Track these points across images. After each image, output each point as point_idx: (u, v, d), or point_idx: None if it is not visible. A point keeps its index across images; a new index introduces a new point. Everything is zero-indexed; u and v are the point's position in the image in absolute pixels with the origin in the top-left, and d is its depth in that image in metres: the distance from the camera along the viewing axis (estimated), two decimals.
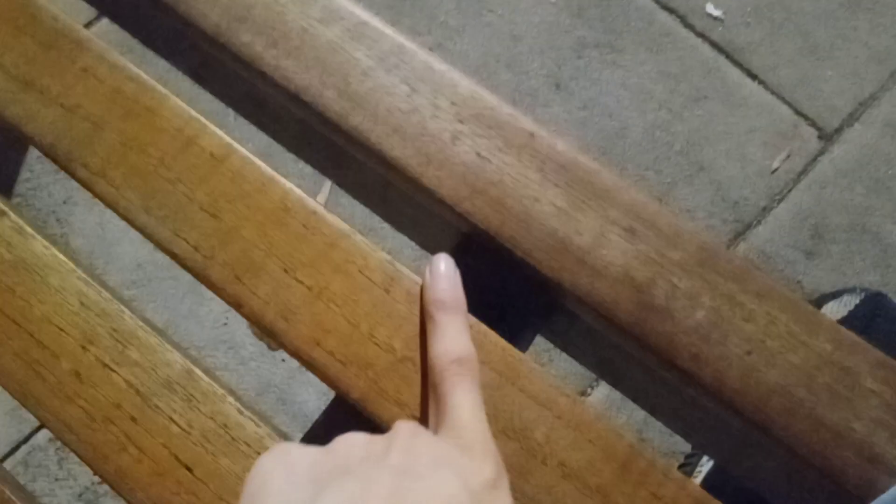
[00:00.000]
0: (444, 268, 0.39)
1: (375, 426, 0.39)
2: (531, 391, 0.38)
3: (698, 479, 0.86)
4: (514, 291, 0.42)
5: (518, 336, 0.42)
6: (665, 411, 0.46)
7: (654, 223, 0.40)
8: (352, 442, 0.32)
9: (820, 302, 0.96)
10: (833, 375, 0.38)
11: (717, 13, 1.14)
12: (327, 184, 1.03)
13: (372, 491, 0.28)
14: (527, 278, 0.41)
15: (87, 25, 1.06)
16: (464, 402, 0.35)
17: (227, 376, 0.99)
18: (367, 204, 0.50)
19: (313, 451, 0.31)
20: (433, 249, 0.43)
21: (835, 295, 0.97)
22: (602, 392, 0.94)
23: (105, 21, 1.03)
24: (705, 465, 0.86)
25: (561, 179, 0.41)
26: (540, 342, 0.48)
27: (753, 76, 1.11)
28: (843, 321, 0.94)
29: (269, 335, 0.41)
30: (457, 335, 0.37)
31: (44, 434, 0.98)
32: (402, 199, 0.45)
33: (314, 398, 0.96)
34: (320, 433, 0.41)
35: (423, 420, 0.38)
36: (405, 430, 0.33)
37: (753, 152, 1.07)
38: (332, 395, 0.40)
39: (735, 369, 0.38)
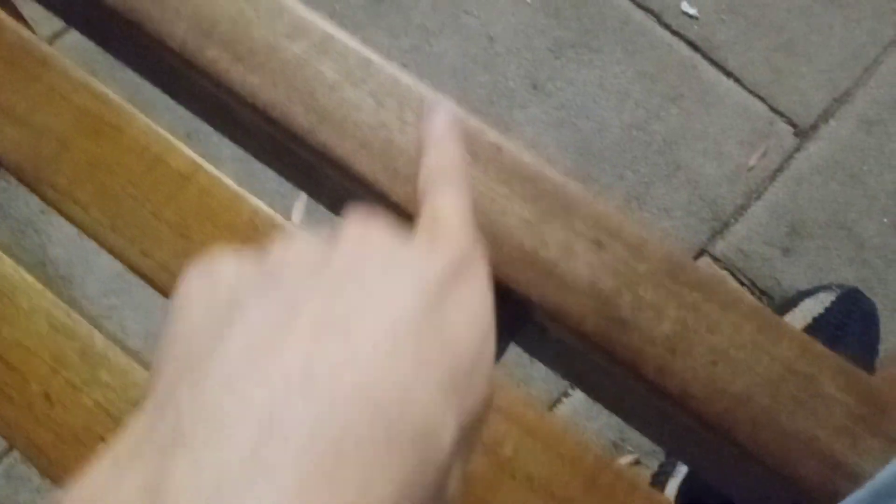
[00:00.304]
0: (441, 112, 0.39)
1: None
2: (500, 405, 0.39)
3: (674, 484, 0.86)
4: None
5: None
6: (638, 419, 0.47)
7: (620, 234, 0.41)
8: (291, 248, 0.27)
9: (796, 299, 0.97)
10: (797, 384, 0.38)
11: (692, 11, 1.15)
12: (303, 197, 1.03)
13: (294, 312, 0.23)
14: (496, 291, 0.42)
15: (56, 36, 1.06)
16: (445, 199, 0.31)
17: None
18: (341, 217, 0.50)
19: (242, 262, 0.27)
20: None
21: (810, 292, 0.98)
22: (579, 396, 0.95)
23: (74, 32, 1.02)
24: (680, 470, 0.87)
25: (528, 192, 0.42)
26: (513, 350, 0.49)
27: (729, 74, 1.12)
28: (820, 318, 0.94)
29: None
30: (449, 149, 0.36)
31: None
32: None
33: None
34: None
35: None
36: (354, 225, 0.28)
37: (730, 150, 1.08)
38: None
39: (701, 380, 0.38)
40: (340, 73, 0.44)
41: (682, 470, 0.88)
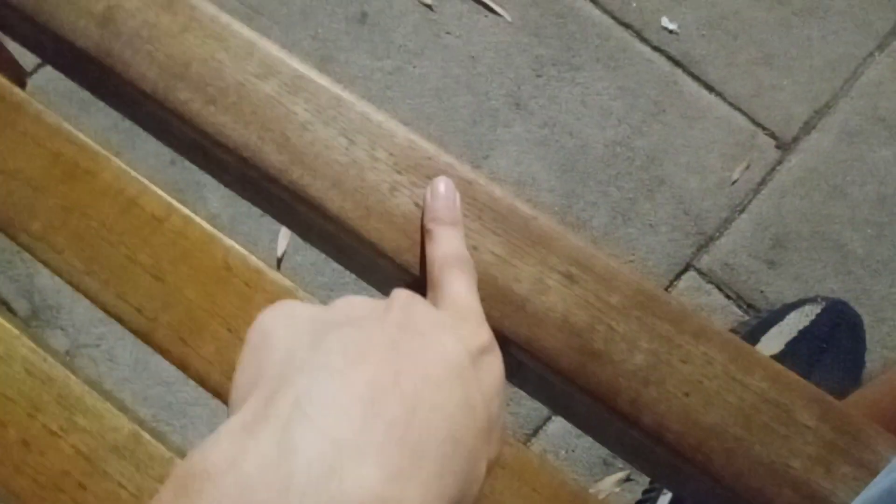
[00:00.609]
0: (443, 188, 0.41)
1: None
2: None
3: (664, 501, 0.86)
4: None
5: None
6: (618, 446, 0.47)
7: (592, 267, 0.41)
8: (352, 302, 0.32)
9: (782, 313, 0.97)
10: (769, 413, 0.39)
11: (672, 26, 1.15)
12: (286, 231, 1.03)
13: (373, 340, 0.28)
14: None
15: (32, 72, 1.06)
16: (460, 286, 0.36)
17: (174, 434, 0.99)
18: (323, 251, 0.50)
19: (313, 307, 0.31)
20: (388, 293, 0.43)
21: (796, 305, 0.98)
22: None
23: (49, 68, 1.02)
24: (664, 497, 0.87)
25: (499, 227, 0.42)
26: None
27: (710, 88, 1.13)
28: (805, 331, 0.95)
29: (216, 396, 0.41)
30: (454, 241, 0.39)
31: None
32: (353, 248, 0.45)
33: None
34: None
35: None
36: (404, 295, 0.33)
37: (713, 164, 1.08)
38: None
39: (674, 411, 0.39)
40: (311, 112, 0.44)
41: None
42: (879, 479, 0.34)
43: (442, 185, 0.42)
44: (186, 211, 0.43)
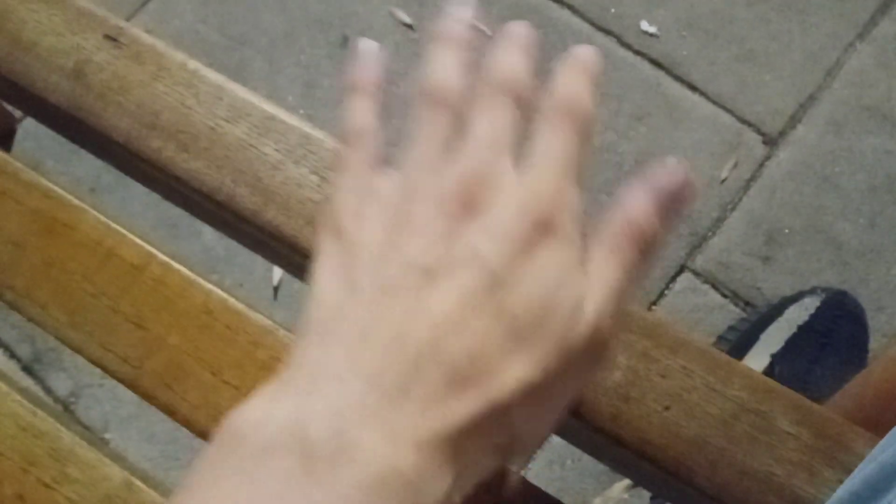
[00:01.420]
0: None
1: None
2: None
3: None
4: None
5: None
6: (609, 461, 0.47)
7: None
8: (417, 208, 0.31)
9: (781, 307, 0.97)
10: (750, 422, 0.39)
11: (651, 29, 1.16)
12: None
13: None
14: None
15: (22, 118, 1.07)
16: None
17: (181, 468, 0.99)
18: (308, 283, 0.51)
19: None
20: None
21: (794, 298, 0.98)
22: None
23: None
24: None
25: None
26: None
27: (694, 88, 1.13)
28: (805, 326, 0.95)
29: (203, 438, 0.42)
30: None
31: None
32: None
33: None
34: None
35: None
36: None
37: (701, 164, 1.09)
38: None
39: (655, 426, 0.39)
40: (282, 152, 0.45)
41: None
42: (856, 474, 0.35)
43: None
44: (165, 258, 0.44)
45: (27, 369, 1.03)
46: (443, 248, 0.29)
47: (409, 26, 1.17)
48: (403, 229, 0.31)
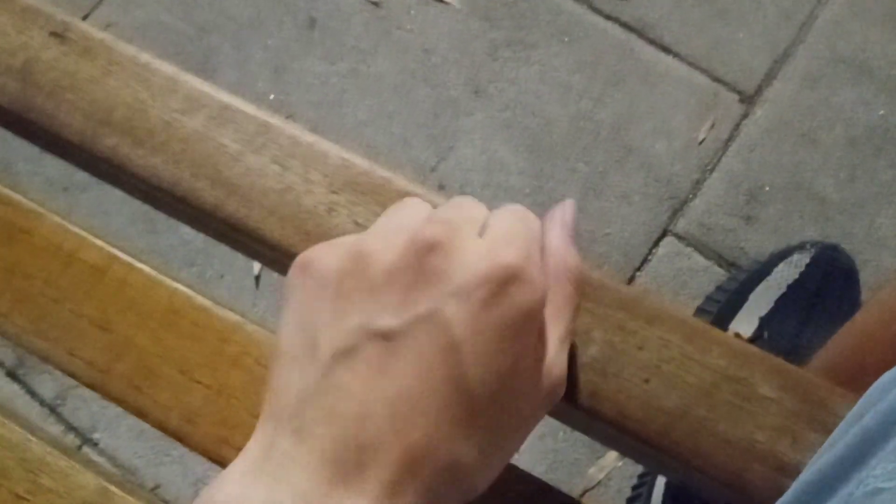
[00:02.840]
0: None
1: None
2: None
3: (657, 497, 0.85)
4: None
5: None
6: (595, 435, 0.46)
7: None
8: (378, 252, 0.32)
9: (769, 265, 0.96)
10: (731, 390, 0.38)
11: None
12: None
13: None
14: None
15: None
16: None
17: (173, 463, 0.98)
18: (280, 273, 0.50)
19: (340, 260, 0.32)
20: None
21: (783, 255, 0.97)
22: None
23: None
24: (659, 482, 0.86)
25: None
26: None
27: (667, 50, 1.12)
28: (795, 286, 0.93)
29: (177, 439, 0.41)
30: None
31: None
32: None
33: None
34: None
35: None
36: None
37: (678, 126, 1.08)
38: None
39: (635, 400, 0.38)
40: (241, 142, 0.44)
41: (658, 488, 0.87)
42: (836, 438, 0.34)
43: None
44: (127, 258, 0.43)
45: (11, 375, 1.02)
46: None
47: (376, 4, 1.15)
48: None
